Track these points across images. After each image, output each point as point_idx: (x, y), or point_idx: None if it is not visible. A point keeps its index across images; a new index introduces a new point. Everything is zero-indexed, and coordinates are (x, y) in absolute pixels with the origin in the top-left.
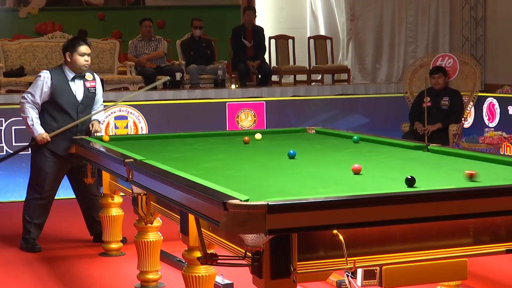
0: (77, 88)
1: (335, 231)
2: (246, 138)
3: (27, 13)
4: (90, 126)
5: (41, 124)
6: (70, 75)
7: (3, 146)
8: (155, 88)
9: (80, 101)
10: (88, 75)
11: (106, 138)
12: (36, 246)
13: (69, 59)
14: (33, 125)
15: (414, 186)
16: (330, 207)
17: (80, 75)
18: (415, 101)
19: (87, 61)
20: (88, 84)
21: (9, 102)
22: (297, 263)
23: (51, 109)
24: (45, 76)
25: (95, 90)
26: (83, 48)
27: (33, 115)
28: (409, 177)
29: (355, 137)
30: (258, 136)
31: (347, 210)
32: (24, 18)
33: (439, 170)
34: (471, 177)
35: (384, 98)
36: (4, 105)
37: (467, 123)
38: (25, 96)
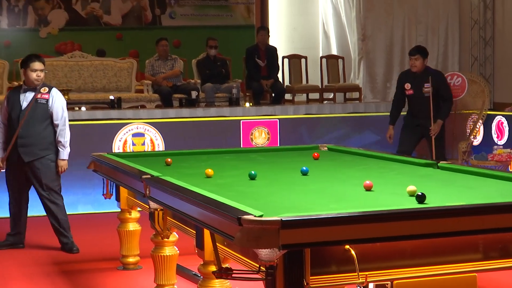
0: (25, 99)
1: (347, 246)
2: (169, 159)
3: (47, 33)
4: (60, 168)
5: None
6: (24, 88)
7: None
8: (171, 106)
9: (22, 109)
10: (44, 89)
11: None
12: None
13: (23, 75)
14: None
15: (425, 202)
16: (342, 223)
17: (33, 88)
18: (397, 91)
19: (39, 76)
20: (38, 95)
21: None
22: (310, 278)
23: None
24: (7, 94)
25: (46, 101)
26: (34, 65)
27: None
28: (420, 193)
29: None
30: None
31: (358, 226)
32: (45, 38)
33: (449, 187)
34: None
35: None
36: None
37: (476, 141)
38: None
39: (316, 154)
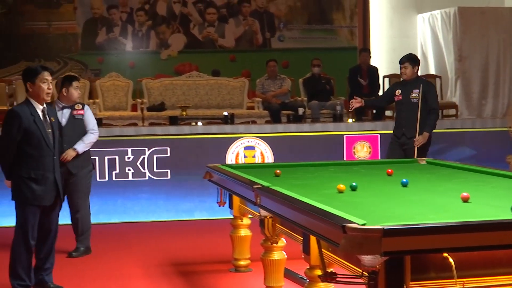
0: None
1: (445, 254)
2: (278, 171)
3: (167, 55)
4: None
5: None
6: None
7: (145, 172)
8: (279, 122)
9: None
10: (78, 105)
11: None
12: None
13: (65, 94)
14: None
15: None
16: (441, 232)
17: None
18: (388, 90)
19: (79, 93)
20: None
21: (151, 133)
22: (410, 283)
23: None
24: None
25: (81, 117)
26: (74, 83)
27: None
28: None
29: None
30: None
31: (456, 235)
32: (165, 59)
33: None
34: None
35: (490, 132)
36: (147, 136)
37: None
38: None
39: (390, 170)
